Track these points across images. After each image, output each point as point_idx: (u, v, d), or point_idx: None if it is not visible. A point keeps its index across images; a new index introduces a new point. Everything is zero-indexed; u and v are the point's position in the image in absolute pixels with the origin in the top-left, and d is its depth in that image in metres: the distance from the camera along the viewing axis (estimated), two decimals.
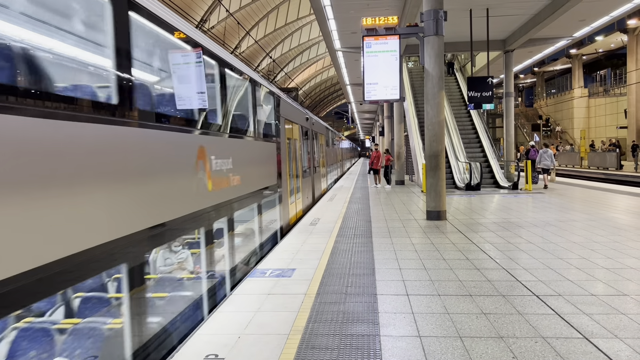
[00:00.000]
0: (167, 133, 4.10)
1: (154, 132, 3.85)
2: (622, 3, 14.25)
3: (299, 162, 11.55)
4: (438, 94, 9.84)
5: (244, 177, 6.20)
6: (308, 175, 13.33)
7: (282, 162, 9.01)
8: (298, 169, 11.34)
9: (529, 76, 54.02)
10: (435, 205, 9.84)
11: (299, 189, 11.37)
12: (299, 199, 11.48)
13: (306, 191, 12.79)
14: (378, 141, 38.59)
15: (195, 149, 4.69)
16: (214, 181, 5.07)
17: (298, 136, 11.47)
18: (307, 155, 13.28)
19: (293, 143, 10.66)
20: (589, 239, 7.23)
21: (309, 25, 45.24)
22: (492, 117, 41.22)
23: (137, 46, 3.56)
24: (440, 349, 3.42)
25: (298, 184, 11.26)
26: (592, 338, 3.54)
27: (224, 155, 5.50)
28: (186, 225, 4.49)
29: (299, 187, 11.50)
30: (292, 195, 10.38)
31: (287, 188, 9.58)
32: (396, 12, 14.34)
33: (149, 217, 3.65)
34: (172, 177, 4.12)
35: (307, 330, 3.83)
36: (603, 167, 26.83)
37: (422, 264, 5.99)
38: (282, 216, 9.18)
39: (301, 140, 12.08)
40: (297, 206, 11.19)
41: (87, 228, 2.77)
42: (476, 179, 15.94)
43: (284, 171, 9.16)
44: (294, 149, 10.68)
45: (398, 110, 20.11)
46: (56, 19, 2.94)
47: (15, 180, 2.22)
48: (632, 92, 33.32)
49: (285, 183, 9.34)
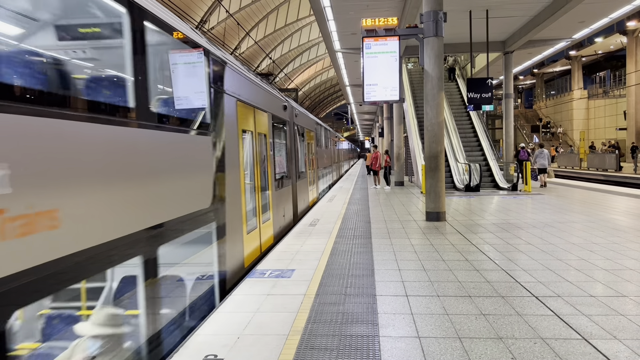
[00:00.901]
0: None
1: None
2: (621, 5, 14.28)
3: (268, 167, 8.10)
4: (438, 95, 9.85)
5: (108, 205, 3.16)
6: (286, 184, 9.96)
7: (228, 170, 5.63)
8: (266, 177, 8.00)
9: (528, 77, 54.07)
10: (435, 207, 9.84)
11: (267, 206, 8.04)
12: (267, 220, 8.04)
13: (281, 207, 9.31)
14: (377, 142, 38.63)
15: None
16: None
17: (266, 130, 8.06)
18: (284, 157, 10.08)
19: (256, 140, 7.28)
20: (588, 240, 7.24)
21: (308, 26, 45.27)
22: (491, 118, 41.24)
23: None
24: (439, 349, 3.42)
25: (265, 199, 7.96)
26: (591, 339, 3.54)
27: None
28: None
29: (268, 203, 8.13)
30: (252, 219, 6.97)
31: (238, 209, 6.07)
32: (396, 13, 14.36)
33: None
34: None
35: (307, 330, 3.83)
36: (602, 168, 26.85)
37: (422, 265, 5.99)
38: (228, 258, 5.63)
39: (272, 136, 8.59)
40: (265, 233, 7.75)
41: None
42: (475, 180, 15.94)
43: (231, 184, 5.75)
44: (257, 149, 7.32)
45: (397, 112, 20.13)
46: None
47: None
48: (632, 93, 33.34)
49: (234, 202, 5.88)
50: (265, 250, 7.70)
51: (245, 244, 6.37)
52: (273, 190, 8.49)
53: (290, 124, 10.90)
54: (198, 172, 4.83)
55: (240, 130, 6.30)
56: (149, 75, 3.82)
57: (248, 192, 6.76)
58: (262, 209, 7.60)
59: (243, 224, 6.27)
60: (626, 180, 22.50)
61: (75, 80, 3.32)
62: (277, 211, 8.80)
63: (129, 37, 3.56)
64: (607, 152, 28.43)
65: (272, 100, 8.95)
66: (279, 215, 9.02)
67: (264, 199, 7.91)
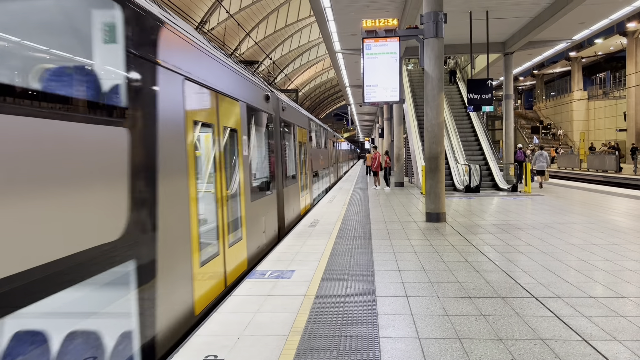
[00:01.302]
0: None
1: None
2: (621, 6, 14.29)
3: (240, 171, 6.21)
4: (438, 96, 9.85)
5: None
6: (269, 192, 8.10)
7: (164, 178, 3.84)
8: (237, 184, 6.13)
9: (528, 79, 54.11)
10: (435, 207, 9.84)
11: (237, 222, 6.08)
12: (238, 241, 6.03)
13: (260, 220, 7.31)
14: (377, 143, 38.65)
15: None
16: None
17: (237, 123, 6.17)
18: (266, 159, 8.23)
19: (220, 136, 5.42)
20: (588, 242, 7.24)
21: (309, 26, 45.30)
22: (491, 119, 41.28)
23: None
24: (439, 350, 3.42)
25: (235, 213, 6.01)
26: (591, 340, 3.54)
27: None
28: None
29: (239, 218, 6.16)
30: (211, 243, 5.11)
31: (184, 234, 4.22)
32: (396, 14, 14.37)
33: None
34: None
35: (307, 331, 3.83)
36: (602, 169, 26.86)
37: (422, 265, 5.99)
38: (160, 312, 3.72)
39: (247, 133, 6.71)
40: (233, 259, 5.72)
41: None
42: (475, 181, 15.95)
43: (170, 198, 3.94)
44: (221, 148, 5.46)
45: (398, 112, 20.14)
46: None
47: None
48: (632, 95, 33.36)
49: (175, 225, 4.05)
50: (236, 280, 5.85)
51: (196, 282, 4.39)
52: (248, 201, 6.51)
53: (275, 119, 9.00)
54: (98, 184, 2.90)
55: (191, 121, 4.41)
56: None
57: (204, 207, 5.01)
58: (229, 227, 5.58)
59: (193, 254, 4.31)
60: (626, 181, 22.51)
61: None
62: (253, 227, 6.80)
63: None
64: (607, 153, 28.44)
65: (248, 87, 6.95)
66: (256, 232, 6.98)
67: (233, 212, 5.89)
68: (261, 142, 7.99)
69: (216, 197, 5.30)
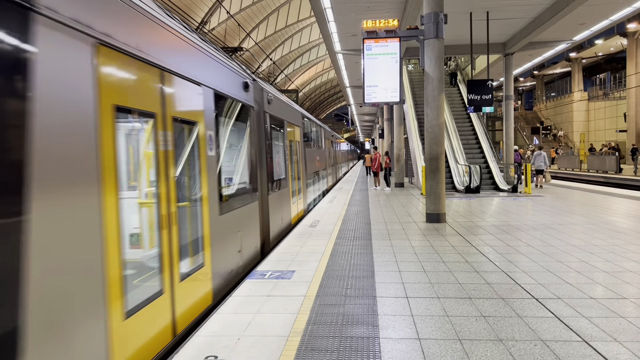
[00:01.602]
0: None
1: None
2: (621, 7, 14.31)
3: (202, 175, 4.82)
4: (438, 96, 9.86)
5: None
6: (248, 200, 6.59)
7: (42, 190, 2.39)
8: (196, 193, 4.77)
9: (528, 79, 54.13)
10: (435, 208, 9.84)
11: (196, 244, 4.68)
12: (197, 269, 4.60)
13: (232, 238, 5.80)
14: (378, 143, 38.67)
15: None
16: None
17: (198, 115, 4.79)
18: (244, 160, 6.74)
19: (167, 130, 4.01)
20: (588, 242, 7.24)
21: (309, 27, 45.33)
22: (491, 120, 41.29)
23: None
24: (439, 351, 3.42)
25: (195, 233, 4.66)
26: (592, 341, 3.54)
27: None
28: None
29: (200, 238, 4.74)
30: (147, 282, 3.79)
31: (86, 274, 2.74)
32: (396, 15, 14.38)
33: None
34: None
35: (307, 332, 3.83)
36: (602, 170, 26.86)
37: (422, 266, 5.99)
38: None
39: (214, 127, 5.25)
40: (187, 296, 4.29)
41: None
42: (476, 181, 15.95)
43: (55, 220, 2.49)
44: (168, 146, 4.03)
45: (398, 113, 20.15)
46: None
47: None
48: (632, 95, 33.37)
49: (66, 261, 2.57)
50: (193, 324, 4.38)
51: (118, 343, 3.04)
52: (214, 214, 5.04)
53: (259, 114, 7.65)
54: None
55: (109, 106, 3.08)
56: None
57: (134, 227, 3.96)
58: (180, 252, 4.10)
59: (110, 303, 2.97)
60: (626, 182, 22.51)
61: None
62: (222, 248, 5.31)
63: None
64: (607, 154, 28.45)
65: (216, 70, 5.41)
66: (227, 254, 5.50)
67: (189, 231, 4.49)
68: (238, 139, 6.60)
69: (158, 212, 3.76)
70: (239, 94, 6.43)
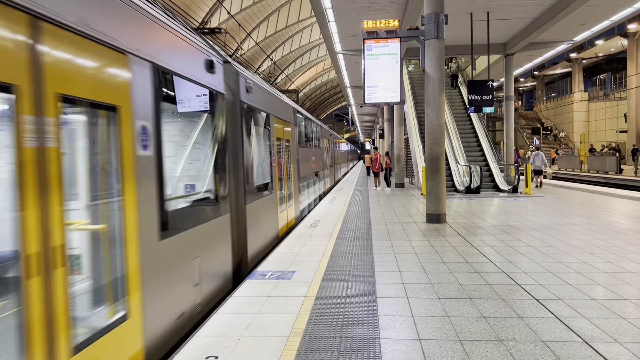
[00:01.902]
0: None
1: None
2: (622, 7, 14.30)
3: (123, 189, 3.23)
4: (438, 97, 9.86)
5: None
6: (216, 212, 5.26)
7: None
8: (104, 214, 3.17)
9: (529, 80, 54.11)
10: (435, 208, 9.84)
11: (117, 290, 3.16)
12: (108, 332, 2.96)
13: (177, 276, 4.12)
14: (378, 144, 38.66)
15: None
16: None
17: (111, 94, 3.14)
18: (208, 162, 5.29)
19: (27, 110, 2.33)
20: (588, 243, 7.24)
21: (309, 27, 45.31)
22: (492, 120, 41.27)
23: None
24: (440, 352, 3.42)
25: (116, 271, 3.17)
26: (592, 342, 3.54)
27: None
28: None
29: (119, 280, 3.17)
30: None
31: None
32: (397, 15, 14.39)
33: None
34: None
35: (307, 332, 3.83)
36: (603, 171, 26.85)
37: (422, 267, 5.99)
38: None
39: (147, 114, 3.61)
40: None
41: None
42: (476, 182, 15.95)
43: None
44: (78, 145, 3.01)
45: (398, 113, 20.15)
46: None
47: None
48: (632, 96, 33.36)
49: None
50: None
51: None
52: (148, 241, 3.56)
53: (233, 104, 6.21)
54: None
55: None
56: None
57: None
58: (73, 308, 2.67)
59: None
60: (627, 182, 22.50)
61: None
62: (163, 286, 3.83)
63: None
64: (608, 155, 28.44)
65: (158, 35, 3.96)
66: (174, 292, 4.06)
67: (103, 272, 3.15)
68: (200, 135, 5.24)
69: (24, 250, 2.29)
70: (199, 75, 4.86)
